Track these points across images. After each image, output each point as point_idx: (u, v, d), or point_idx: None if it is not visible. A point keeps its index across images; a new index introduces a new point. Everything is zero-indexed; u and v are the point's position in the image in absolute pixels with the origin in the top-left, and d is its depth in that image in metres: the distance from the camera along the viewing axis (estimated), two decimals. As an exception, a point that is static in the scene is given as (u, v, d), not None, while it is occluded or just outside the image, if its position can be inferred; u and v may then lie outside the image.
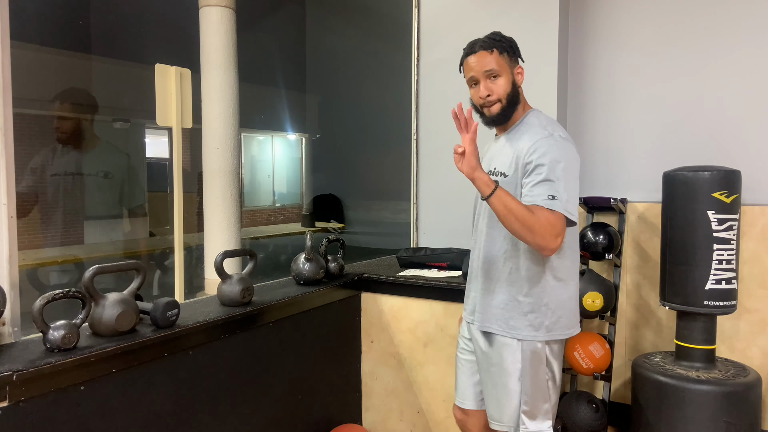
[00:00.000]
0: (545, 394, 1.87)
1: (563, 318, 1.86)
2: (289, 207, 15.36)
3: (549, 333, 1.84)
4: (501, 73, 1.83)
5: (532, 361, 1.84)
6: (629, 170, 3.14)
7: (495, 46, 1.84)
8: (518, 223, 1.64)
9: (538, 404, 1.87)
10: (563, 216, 1.67)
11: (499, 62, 1.83)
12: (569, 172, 1.73)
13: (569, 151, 1.77)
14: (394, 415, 2.76)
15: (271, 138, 15.07)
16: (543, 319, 1.83)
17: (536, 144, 1.76)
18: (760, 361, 2.80)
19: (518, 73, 1.88)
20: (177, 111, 3.09)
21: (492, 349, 1.91)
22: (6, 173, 1.59)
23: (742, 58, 2.85)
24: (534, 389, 1.86)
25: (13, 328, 1.62)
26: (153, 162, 11.40)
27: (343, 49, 12.70)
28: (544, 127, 1.82)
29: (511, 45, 1.88)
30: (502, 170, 1.86)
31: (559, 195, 1.67)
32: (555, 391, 1.91)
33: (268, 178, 15.17)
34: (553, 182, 1.69)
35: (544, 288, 1.83)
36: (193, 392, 1.89)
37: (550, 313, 1.83)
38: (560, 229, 1.67)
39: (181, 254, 3.04)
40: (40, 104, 5.29)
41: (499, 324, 1.88)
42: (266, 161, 15.18)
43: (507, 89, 1.84)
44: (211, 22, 5.50)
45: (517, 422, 1.88)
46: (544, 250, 1.69)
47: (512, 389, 1.86)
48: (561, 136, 1.80)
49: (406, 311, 2.70)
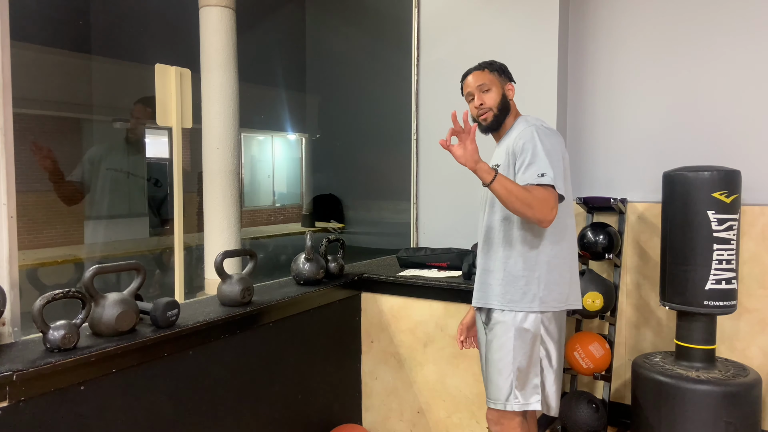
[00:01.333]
0: (536, 368, 1.98)
1: (555, 292, 1.98)
2: (289, 207, 15.36)
3: (543, 304, 1.96)
4: (491, 87, 2.08)
5: (525, 336, 1.96)
6: (629, 170, 3.14)
7: (486, 67, 2.12)
8: (518, 202, 1.83)
9: (529, 376, 1.98)
10: (554, 189, 1.86)
11: (489, 78, 2.09)
12: (552, 154, 1.92)
13: (551, 138, 1.97)
14: (394, 415, 2.76)
15: (271, 138, 15.06)
16: (537, 291, 1.96)
17: (521, 134, 1.99)
18: (760, 361, 2.79)
19: (508, 89, 2.12)
20: (177, 111, 3.08)
21: (489, 328, 2.06)
22: (6, 173, 1.59)
23: (741, 58, 2.85)
24: (527, 364, 1.97)
25: (13, 328, 1.62)
26: (153, 162, 11.39)
27: (343, 49, 12.70)
28: (529, 123, 2.04)
29: (501, 67, 2.14)
30: (497, 163, 2.09)
31: (546, 172, 1.87)
32: (552, 371, 2.00)
33: (268, 178, 15.16)
34: (538, 163, 1.89)
35: (537, 262, 1.98)
36: (193, 392, 1.89)
37: (543, 286, 1.97)
38: (554, 202, 1.87)
39: (181, 254, 3.04)
40: (39, 104, 5.29)
41: (497, 299, 2.02)
42: (266, 161, 15.18)
43: (497, 99, 2.08)
44: (211, 22, 5.50)
45: (508, 396, 1.97)
46: (542, 222, 1.86)
47: (504, 365, 1.98)
48: (544, 126, 2.01)
49: (406, 311, 2.70)
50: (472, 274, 2.63)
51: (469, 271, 2.63)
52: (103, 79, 9.16)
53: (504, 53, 3.15)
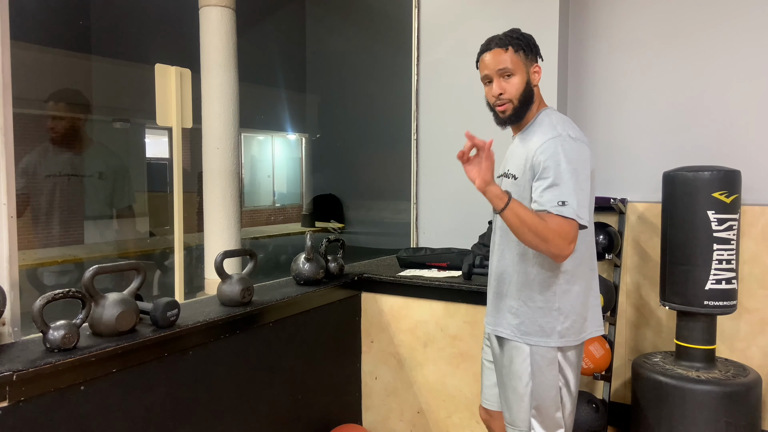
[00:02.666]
0: (556, 401, 1.81)
1: (577, 323, 1.79)
2: (289, 207, 15.36)
3: (562, 339, 1.77)
4: (515, 72, 1.78)
5: (542, 366, 1.79)
6: (629, 170, 3.14)
7: (511, 44, 1.78)
8: (531, 234, 1.61)
9: (550, 411, 1.81)
10: (575, 222, 1.63)
11: (513, 60, 1.78)
12: (578, 174, 1.67)
13: (578, 152, 1.71)
14: (394, 415, 2.76)
15: (271, 138, 15.06)
16: (555, 324, 1.77)
17: (544, 145, 1.71)
18: (760, 361, 2.80)
19: (534, 72, 1.82)
20: (177, 111, 3.08)
21: (503, 353, 1.89)
22: (6, 173, 1.59)
23: (742, 58, 2.85)
24: (545, 395, 1.80)
25: (13, 328, 1.62)
26: (153, 162, 11.39)
27: (343, 49, 12.69)
28: (554, 127, 1.76)
29: (529, 43, 1.82)
30: (514, 173, 1.84)
31: (569, 200, 1.63)
32: (570, 399, 1.84)
33: (268, 178, 15.16)
34: (561, 186, 1.64)
35: (555, 292, 1.78)
36: (193, 392, 1.89)
37: (562, 318, 1.77)
38: (573, 236, 1.64)
39: (181, 254, 3.04)
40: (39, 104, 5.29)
41: (511, 329, 1.84)
42: (266, 161, 15.17)
43: (520, 89, 1.79)
44: (211, 22, 5.50)
45: (528, 426, 1.84)
46: (557, 257, 1.66)
47: (522, 393, 1.83)
48: (571, 135, 1.73)
49: (406, 311, 2.70)
50: (472, 274, 2.63)
51: (469, 271, 2.63)
52: (103, 79, 9.16)
53: (504, 53, 3.15)
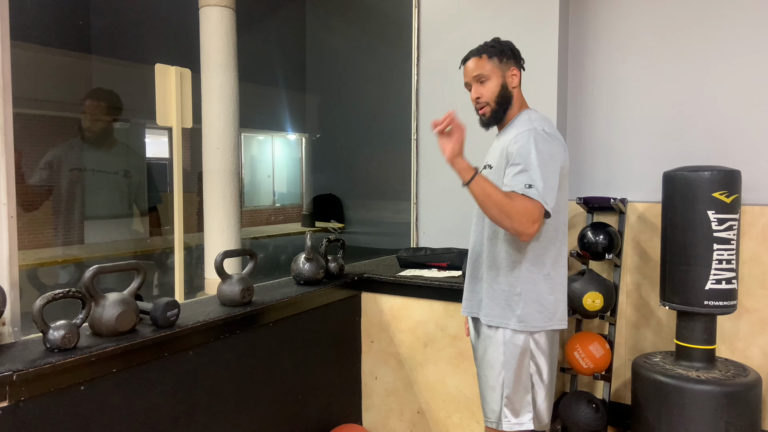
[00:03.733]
0: (527, 387, 1.87)
1: (538, 310, 1.85)
2: (289, 207, 15.36)
3: (521, 323, 1.84)
4: (490, 77, 1.90)
5: (515, 354, 1.85)
6: (629, 170, 3.14)
7: (485, 51, 1.92)
8: (496, 208, 1.70)
9: (519, 396, 1.87)
10: (540, 204, 1.71)
11: (487, 66, 1.91)
12: (546, 165, 1.75)
13: (550, 146, 1.79)
14: (394, 415, 2.76)
15: (271, 138, 15.06)
16: (515, 308, 1.85)
17: (518, 136, 1.82)
18: (760, 361, 2.79)
19: (511, 75, 1.92)
20: (177, 111, 3.08)
21: (479, 341, 1.97)
22: (6, 173, 1.59)
23: (742, 58, 2.85)
24: (516, 382, 1.86)
25: (13, 328, 1.62)
26: (153, 162, 11.40)
27: (343, 49, 12.70)
28: (531, 122, 1.86)
29: (503, 49, 1.93)
30: (491, 163, 1.95)
31: (536, 184, 1.72)
32: (544, 388, 1.89)
33: (268, 178, 15.16)
34: (529, 172, 1.74)
35: (518, 277, 1.85)
36: (193, 392, 1.89)
37: (522, 303, 1.84)
38: (537, 216, 1.71)
39: (181, 254, 3.04)
40: (39, 104, 5.29)
41: (482, 310, 1.93)
42: (266, 161, 15.18)
43: (495, 92, 1.90)
44: (211, 22, 5.50)
45: (500, 416, 1.89)
46: (521, 235, 1.72)
47: (493, 384, 1.90)
48: (545, 130, 1.82)
49: (406, 311, 2.69)
50: (472, 274, 2.64)
51: (469, 271, 2.62)
52: (103, 79, 9.16)
53: (504, 53, 3.15)
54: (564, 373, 3.14)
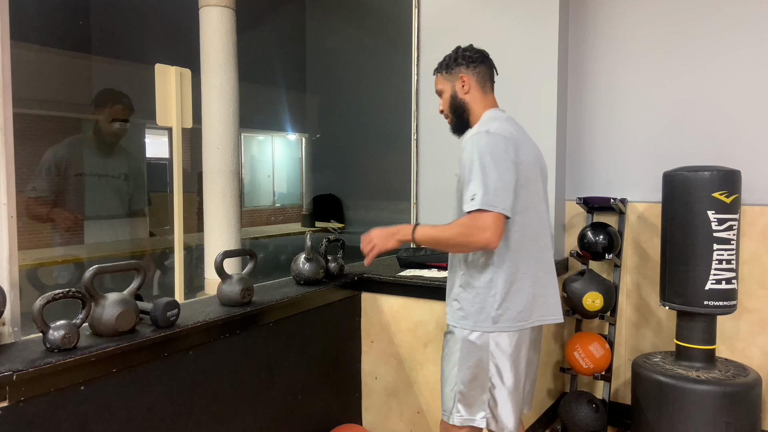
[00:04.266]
0: (483, 386, 1.86)
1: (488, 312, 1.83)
2: (289, 207, 15.35)
3: (474, 323, 1.84)
4: (443, 90, 1.99)
5: (470, 350, 1.85)
6: (629, 170, 3.14)
7: (437, 69, 2.01)
8: (447, 245, 1.80)
9: (475, 394, 1.87)
10: (486, 210, 1.70)
11: (439, 81, 2.00)
12: (486, 168, 1.73)
13: (492, 145, 1.76)
14: (394, 415, 2.76)
15: (271, 138, 15.06)
16: (470, 309, 1.86)
17: (463, 144, 1.86)
18: (760, 361, 2.80)
19: (460, 83, 1.95)
20: (177, 111, 3.08)
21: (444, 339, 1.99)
22: (6, 173, 1.59)
23: (741, 58, 2.85)
24: (471, 380, 1.86)
25: (13, 328, 1.62)
26: (153, 162, 11.40)
27: (343, 49, 12.69)
28: (480, 125, 1.87)
29: (448, 62, 1.98)
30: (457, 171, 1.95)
31: (477, 192, 1.72)
32: (505, 389, 1.85)
33: (268, 178, 15.15)
34: (472, 182, 1.74)
35: (472, 276, 1.86)
36: (193, 392, 1.89)
37: (477, 304, 1.84)
38: (489, 223, 1.70)
39: (181, 254, 3.03)
40: (39, 104, 5.29)
41: (451, 314, 1.94)
42: (266, 161, 15.17)
43: (447, 103, 1.98)
44: (211, 22, 5.49)
45: (452, 410, 1.90)
46: (486, 247, 1.74)
47: (447, 375, 1.92)
48: (487, 131, 1.80)
49: (406, 311, 2.70)
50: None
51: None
52: (103, 79, 9.16)
53: (504, 53, 3.15)
54: (564, 373, 3.14)
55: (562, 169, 3.25)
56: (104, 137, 3.14)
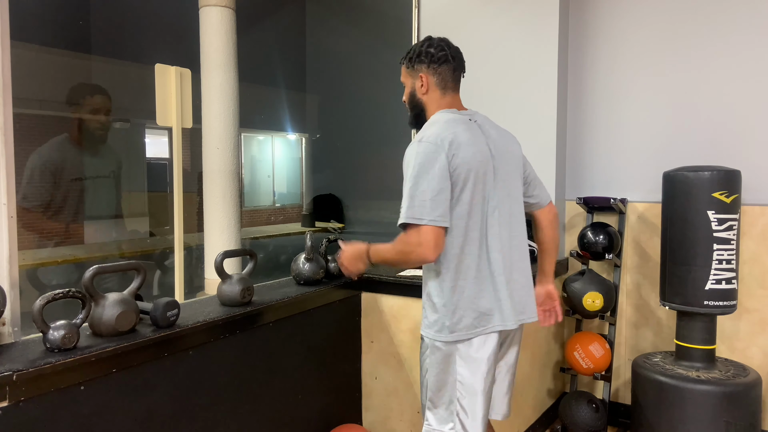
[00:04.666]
0: (451, 395, 1.81)
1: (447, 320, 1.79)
2: (289, 207, 15.32)
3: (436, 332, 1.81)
4: (405, 83, 1.95)
5: (437, 357, 1.82)
6: (629, 170, 3.14)
7: (402, 59, 1.94)
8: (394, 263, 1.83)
9: (444, 402, 1.83)
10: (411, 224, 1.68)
11: (403, 73, 1.95)
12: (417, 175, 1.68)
13: (421, 154, 1.70)
14: (394, 415, 2.76)
15: (271, 138, 15.04)
16: (431, 317, 1.84)
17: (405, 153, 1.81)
18: (760, 361, 2.80)
19: (420, 82, 1.88)
20: (177, 111, 3.08)
21: None
22: (6, 173, 1.59)
23: (741, 58, 2.85)
24: (437, 386, 1.83)
25: (13, 328, 1.62)
26: (153, 162, 11.40)
27: (343, 49, 12.66)
28: (421, 131, 1.85)
29: (411, 56, 1.90)
30: None
31: (404, 204, 1.70)
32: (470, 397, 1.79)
33: (268, 178, 15.13)
34: (404, 195, 1.72)
35: (432, 286, 1.84)
36: (193, 392, 1.89)
37: (435, 314, 1.82)
38: (421, 238, 1.67)
39: (181, 254, 3.03)
40: (39, 104, 5.29)
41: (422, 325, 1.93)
42: (266, 161, 15.14)
43: (407, 97, 1.94)
44: (211, 22, 5.47)
45: (425, 417, 1.90)
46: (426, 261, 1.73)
47: (423, 386, 1.91)
48: (420, 139, 1.75)
49: (406, 311, 2.69)
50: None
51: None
52: (103, 79, 9.14)
53: (504, 53, 3.16)
54: (564, 373, 3.14)
55: (562, 169, 3.25)
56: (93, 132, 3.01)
